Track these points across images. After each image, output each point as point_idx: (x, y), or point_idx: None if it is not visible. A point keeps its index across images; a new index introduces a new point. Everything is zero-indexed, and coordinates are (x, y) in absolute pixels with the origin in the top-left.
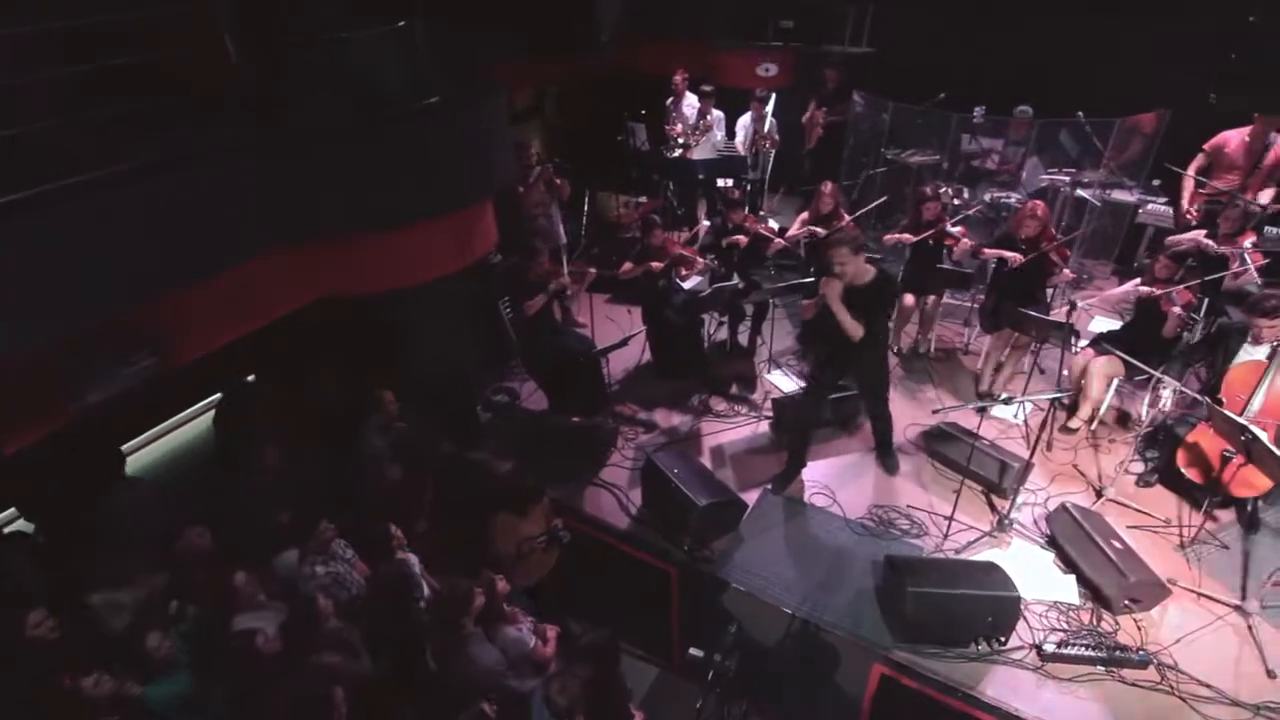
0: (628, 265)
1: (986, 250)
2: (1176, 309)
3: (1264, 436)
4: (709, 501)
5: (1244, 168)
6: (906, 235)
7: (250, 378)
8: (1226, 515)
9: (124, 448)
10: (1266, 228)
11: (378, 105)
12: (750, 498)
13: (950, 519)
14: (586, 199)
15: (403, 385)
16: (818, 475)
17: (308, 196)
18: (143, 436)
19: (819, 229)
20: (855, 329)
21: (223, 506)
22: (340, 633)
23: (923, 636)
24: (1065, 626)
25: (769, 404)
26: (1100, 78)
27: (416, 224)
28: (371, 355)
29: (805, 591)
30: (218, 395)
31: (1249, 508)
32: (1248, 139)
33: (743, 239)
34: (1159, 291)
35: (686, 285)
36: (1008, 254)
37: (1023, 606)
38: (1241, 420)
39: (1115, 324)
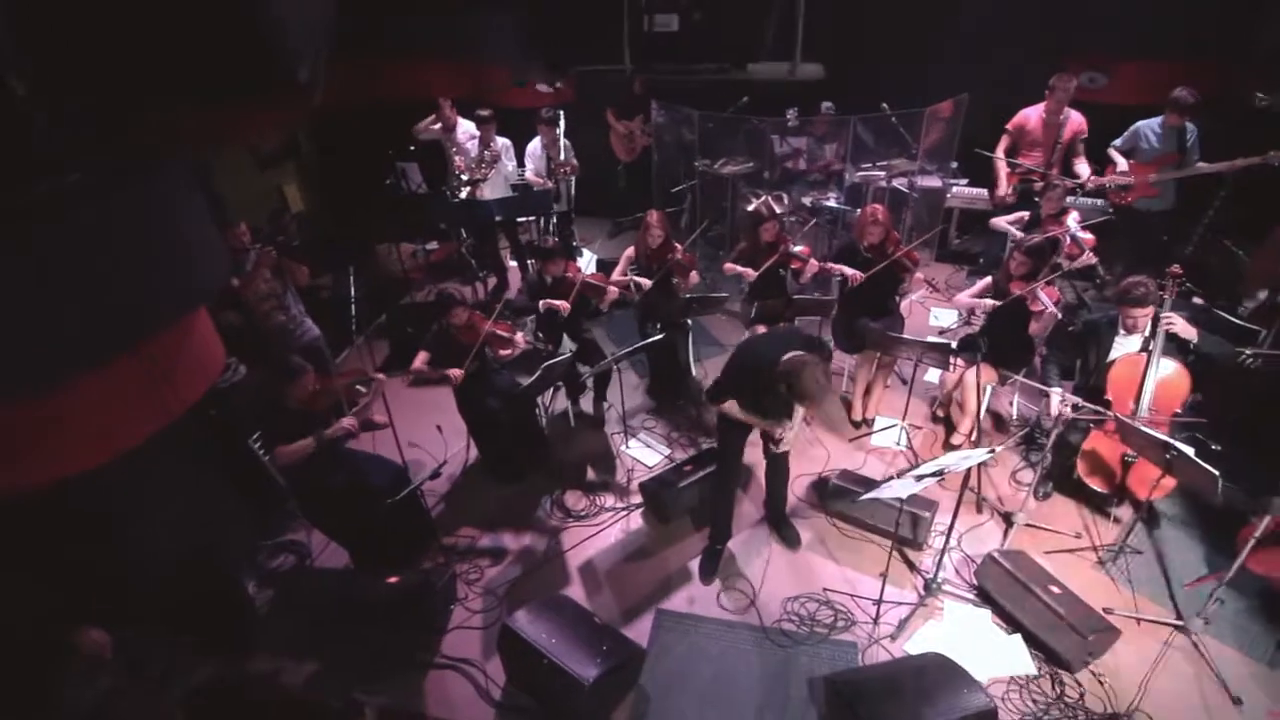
0: (420, 357)
1: (832, 266)
2: (1050, 309)
3: (1190, 451)
4: (599, 672)
5: (1046, 144)
6: (749, 270)
7: None
8: (1124, 512)
9: None
10: (1082, 199)
11: None
12: (643, 626)
13: (879, 602)
14: (353, 266)
15: (121, 592)
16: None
17: None
18: None
19: (643, 280)
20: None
21: None
22: None
23: None
24: (1031, 707)
25: (635, 487)
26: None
27: (58, 386)
28: (67, 564)
29: None
30: None
31: (1147, 505)
32: (1044, 115)
33: (564, 305)
34: (1020, 290)
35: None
36: (849, 271)
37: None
38: (1162, 436)
39: (952, 314)
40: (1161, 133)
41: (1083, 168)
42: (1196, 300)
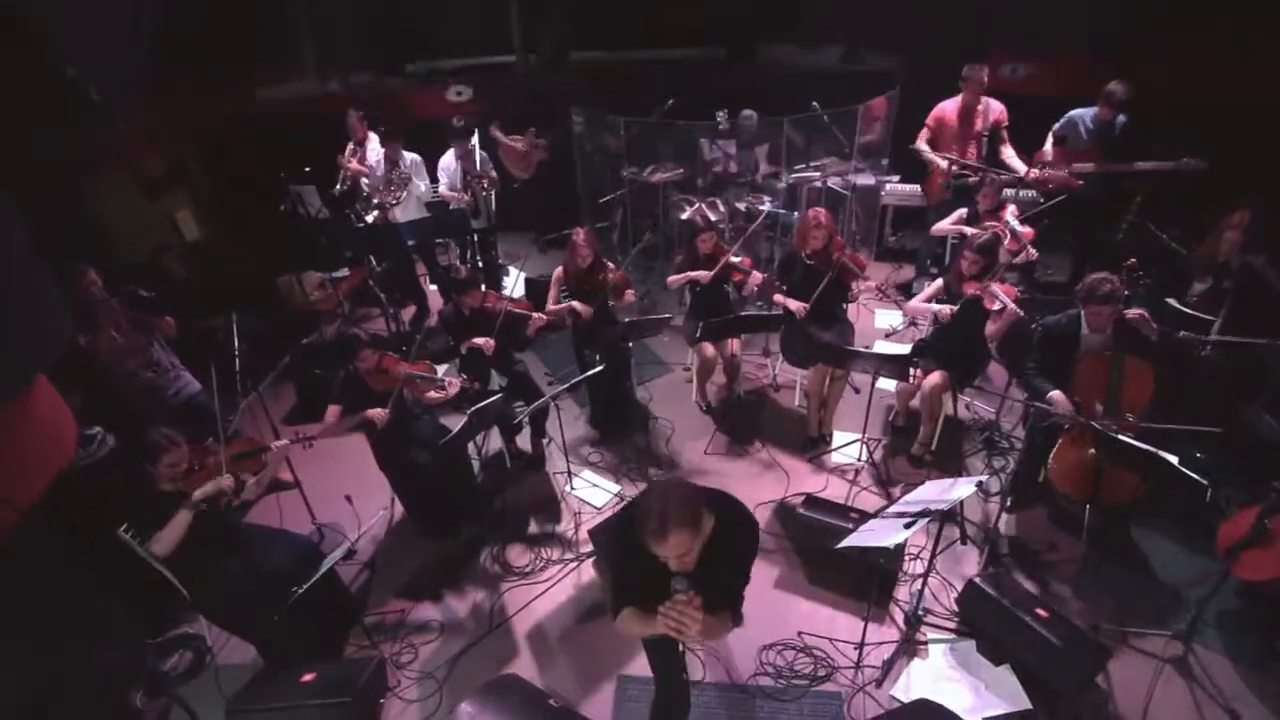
0: (331, 413)
1: (777, 298)
2: (1010, 307)
3: (1173, 460)
4: None
5: (967, 136)
6: (703, 274)
7: None
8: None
9: None
10: (1019, 192)
11: None
12: (605, 698)
13: (860, 645)
14: (235, 314)
15: None
16: None
17: None
18: None
19: (580, 307)
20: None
21: None
22: None
23: None
24: None
25: (583, 534)
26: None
27: None
28: None
29: None
30: None
31: (1122, 509)
32: (961, 106)
33: (488, 343)
34: (974, 290)
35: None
36: (794, 305)
37: None
38: (1146, 447)
39: (895, 313)
40: (1094, 126)
41: (1015, 161)
42: (1144, 287)
